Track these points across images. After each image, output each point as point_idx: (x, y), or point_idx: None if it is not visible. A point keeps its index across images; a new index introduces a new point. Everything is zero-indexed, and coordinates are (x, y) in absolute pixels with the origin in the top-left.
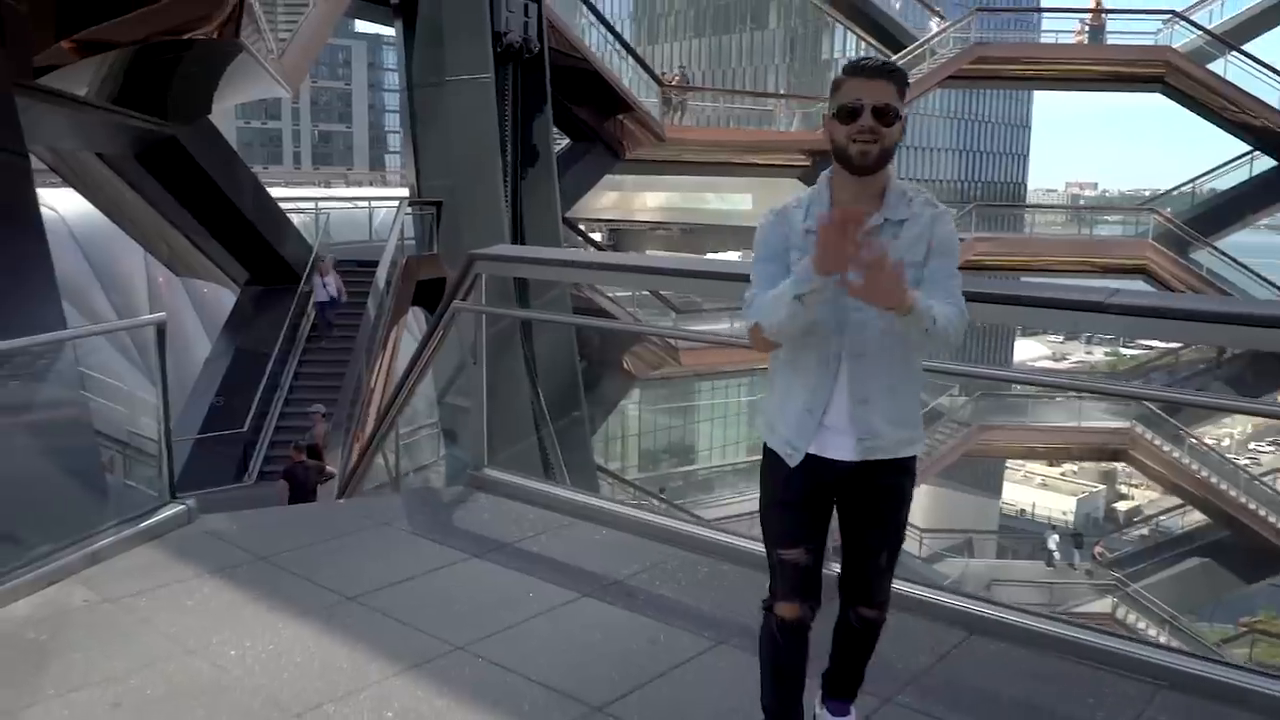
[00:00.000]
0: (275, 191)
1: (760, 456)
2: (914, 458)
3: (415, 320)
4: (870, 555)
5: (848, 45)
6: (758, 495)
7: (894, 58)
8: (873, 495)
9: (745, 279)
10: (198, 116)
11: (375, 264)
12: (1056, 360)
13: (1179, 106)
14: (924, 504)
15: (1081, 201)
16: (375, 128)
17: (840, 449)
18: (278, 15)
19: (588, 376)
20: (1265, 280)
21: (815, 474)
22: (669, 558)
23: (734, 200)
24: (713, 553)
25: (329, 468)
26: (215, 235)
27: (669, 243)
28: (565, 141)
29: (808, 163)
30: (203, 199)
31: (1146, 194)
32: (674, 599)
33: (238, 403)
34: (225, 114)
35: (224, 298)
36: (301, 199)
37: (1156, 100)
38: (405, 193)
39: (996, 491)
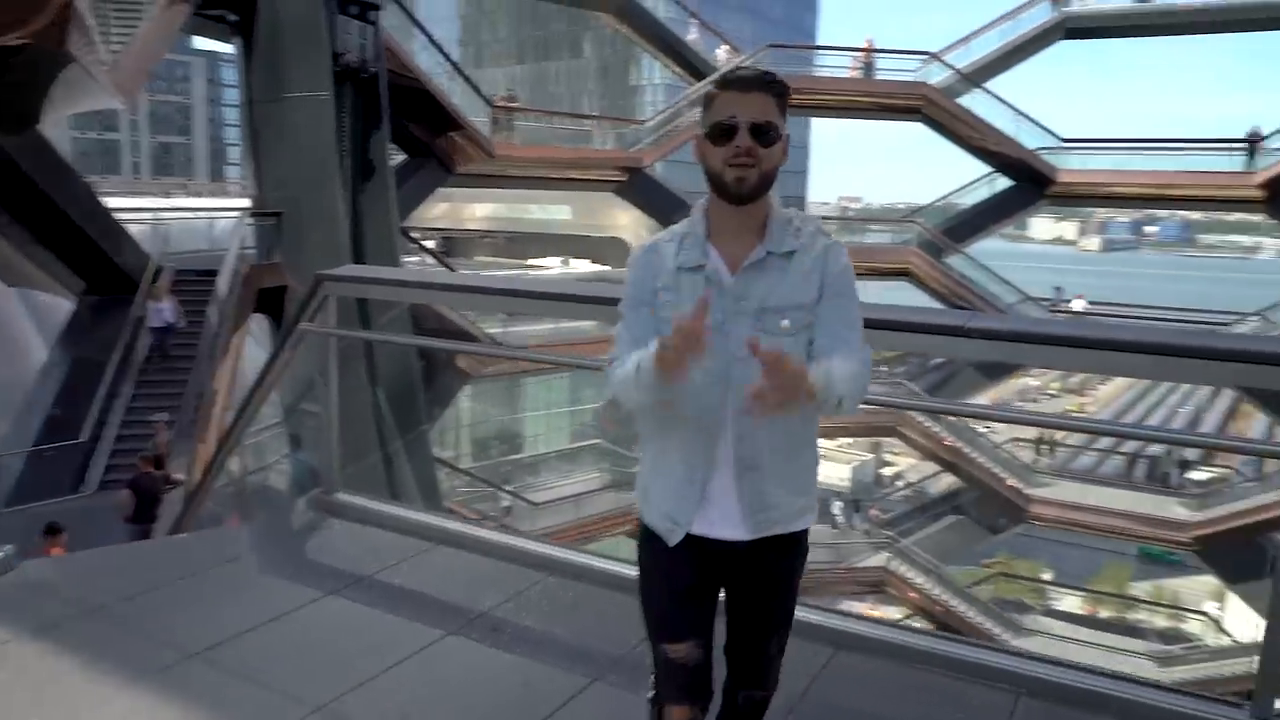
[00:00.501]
0: (113, 201)
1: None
2: (807, 530)
3: (259, 326)
4: (762, 642)
5: (654, 72)
6: (581, 478)
7: (693, 87)
8: (765, 578)
9: (604, 303)
10: (25, 127)
11: (216, 272)
12: None
13: (935, 133)
14: None
15: (850, 213)
16: (216, 140)
17: (729, 525)
18: (110, 27)
19: (425, 376)
20: (1003, 279)
21: (701, 557)
22: (533, 584)
23: (554, 211)
24: (578, 576)
25: (175, 475)
26: (48, 246)
27: (495, 249)
28: (402, 156)
29: (622, 178)
30: (33, 210)
31: (901, 207)
32: (542, 631)
33: (76, 412)
34: (58, 124)
35: (66, 306)
36: (141, 209)
37: (917, 128)
38: (247, 203)
39: None
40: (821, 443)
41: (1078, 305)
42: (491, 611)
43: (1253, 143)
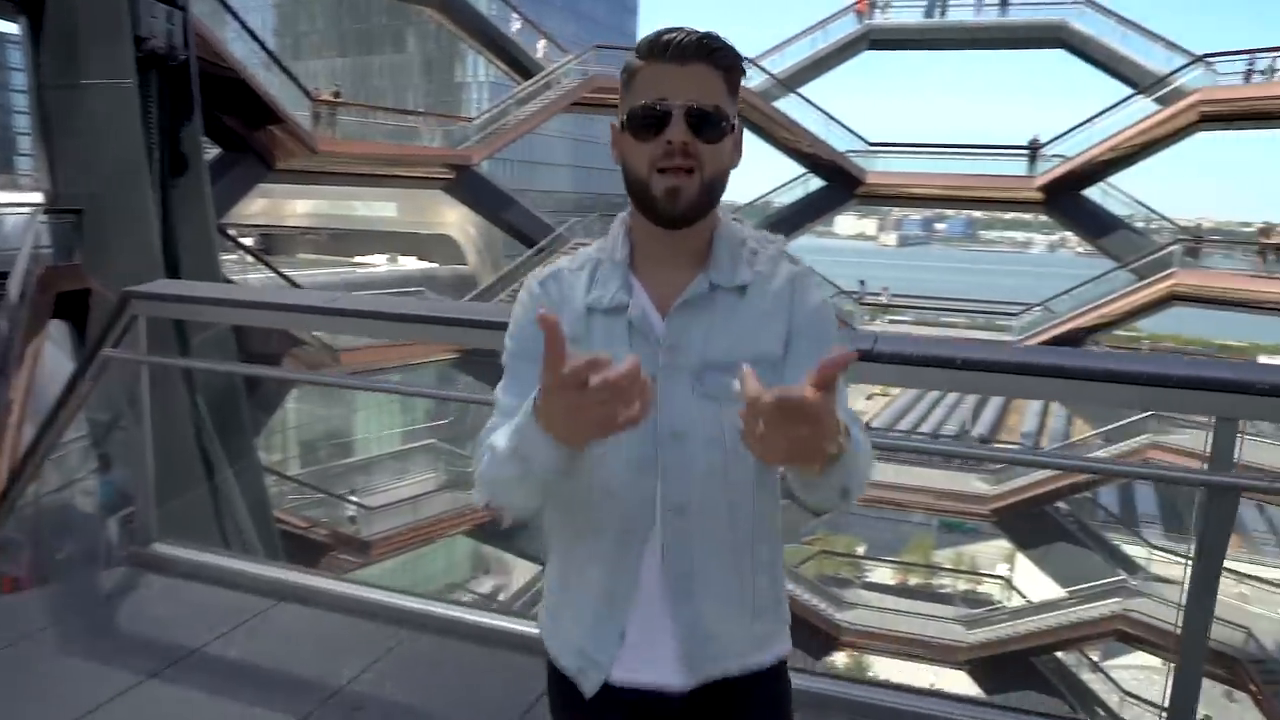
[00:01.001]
0: None
1: None
2: (778, 666)
3: (59, 332)
4: None
5: (479, 69)
6: (416, 478)
7: (522, 85)
8: None
9: (486, 326)
10: None
11: (6, 275)
12: None
13: (754, 135)
14: None
15: None
16: (4, 128)
17: (659, 668)
18: None
19: (247, 380)
20: (820, 276)
21: (627, 712)
22: (395, 644)
23: (379, 208)
24: (445, 631)
25: None
26: None
27: (318, 247)
28: (217, 150)
29: (450, 175)
30: None
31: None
32: (413, 708)
33: None
34: None
35: None
36: None
37: None
38: (40, 198)
39: None
40: None
41: (884, 298)
42: (350, 686)
43: (1033, 149)
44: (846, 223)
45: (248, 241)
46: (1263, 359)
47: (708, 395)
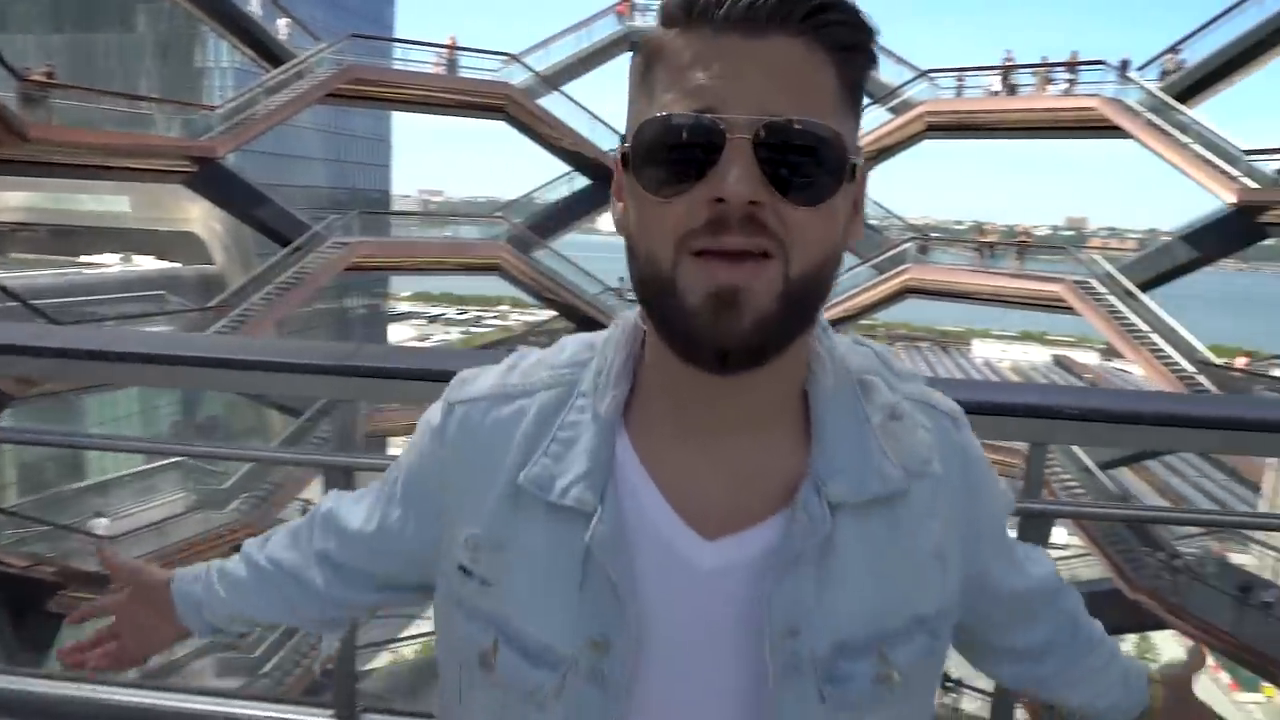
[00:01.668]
0: None
1: None
2: None
3: None
4: None
5: (221, 54)
6: (163, 500)
7: (271, 73)
8: None
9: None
10: None
11: None
12: (422, 340)
13: (518, 132)
14: None
15: (431, 207)
16: None
17: None
18: None
19: None
20: (586, 272)
21: None
22: None
23: (110, 202)
24: None
25: None
26: None
27: (36, 245)
28: None
29: (193, 169)
30: None
31: (483, 200)
32: None
33: None
34: None
35: None
36: None
37: (502, 125)
38: None
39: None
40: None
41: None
42: None
43: None
44: (608, 219)
45: None
46: (976, 343)
47: (846, 704)
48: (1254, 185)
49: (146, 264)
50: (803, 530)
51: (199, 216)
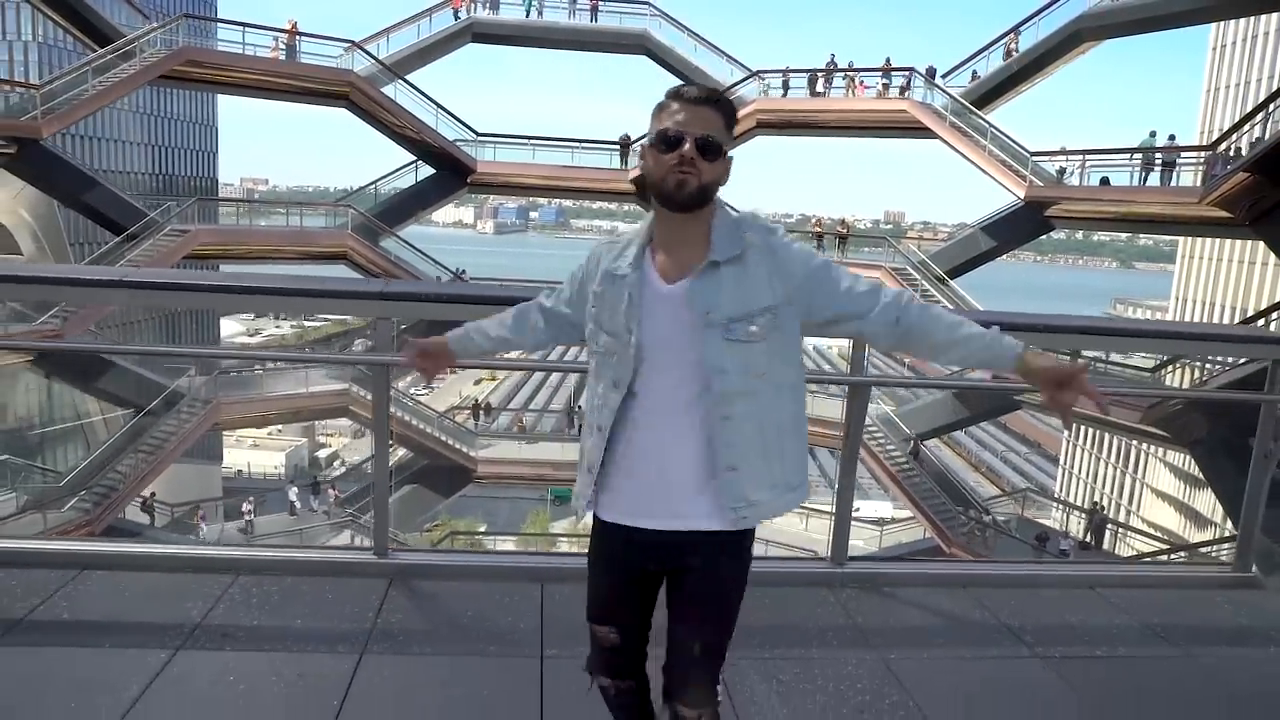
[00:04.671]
0: None
1: None
2: (741, 533)
3: None
4: (681, 646)
5: (27, 27)
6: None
7: (100, 52)
8: (685, 575)
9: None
10: None
11: None
12: (250, 335)
13: (360, 120)
14: (164, 478)
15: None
16: None
17: (643, 511)
18: None
19: None
20: (435, 261)
21: (617, 537)
22: (226, 586)
23: None
24: (260, 571)
25: None
26: None
27: None
28: None
29: (10, 150)
30: None
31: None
32: (277, 626)
33: None
34: None
35: None
36: None
37: (333, 113)
38: None
39: (219, 459)
40: (251, 433)
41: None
42: (208, 620)
43: (624, 145)
44: (444, 211)
45: None
46: None
47: (734, 339)
48: (1039, 182)
49: None
50: (706, 271)
51: (3, 202)
